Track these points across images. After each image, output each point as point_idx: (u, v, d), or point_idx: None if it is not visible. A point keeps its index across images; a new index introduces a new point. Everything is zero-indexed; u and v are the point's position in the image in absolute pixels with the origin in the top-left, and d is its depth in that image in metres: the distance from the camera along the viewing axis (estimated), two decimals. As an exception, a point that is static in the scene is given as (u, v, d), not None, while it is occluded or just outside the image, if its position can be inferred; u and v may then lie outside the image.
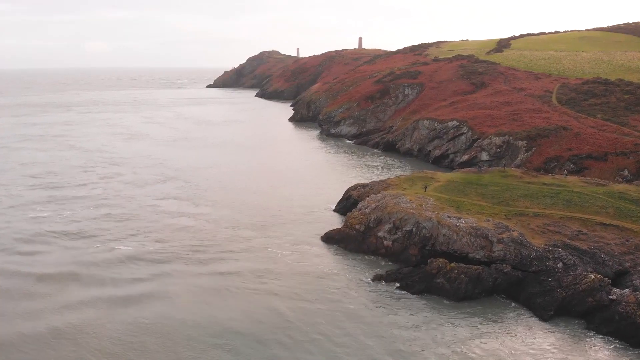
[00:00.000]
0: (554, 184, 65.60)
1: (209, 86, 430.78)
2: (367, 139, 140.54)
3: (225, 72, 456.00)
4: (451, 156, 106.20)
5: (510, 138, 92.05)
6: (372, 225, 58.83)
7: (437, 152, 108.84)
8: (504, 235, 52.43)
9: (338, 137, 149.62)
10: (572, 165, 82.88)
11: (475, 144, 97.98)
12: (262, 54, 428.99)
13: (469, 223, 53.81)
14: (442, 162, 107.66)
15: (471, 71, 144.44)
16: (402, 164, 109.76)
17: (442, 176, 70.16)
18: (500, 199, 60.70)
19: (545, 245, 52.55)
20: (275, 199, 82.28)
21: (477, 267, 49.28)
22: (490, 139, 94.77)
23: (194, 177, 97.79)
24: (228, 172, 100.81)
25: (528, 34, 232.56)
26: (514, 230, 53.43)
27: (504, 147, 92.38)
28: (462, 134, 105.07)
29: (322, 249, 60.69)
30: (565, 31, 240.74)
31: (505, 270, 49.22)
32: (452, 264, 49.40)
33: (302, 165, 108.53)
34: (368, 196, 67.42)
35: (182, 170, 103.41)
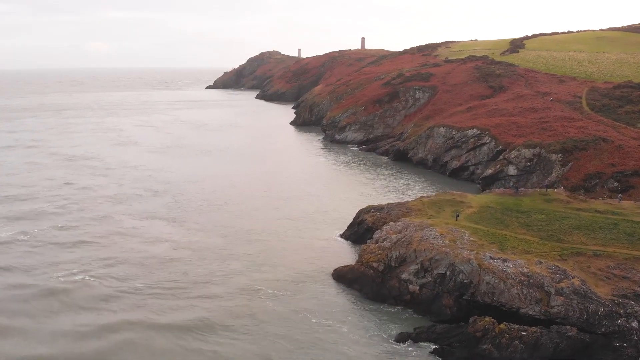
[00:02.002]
0: (608, 212, 54.72)
1: (209, 87, 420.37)
2: (375, 146, 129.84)
3: (225, 72, 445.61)
4: (471, 168, 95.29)
5: (543, 150, 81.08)
6: (393, 265, 47.94)
7: (455, 164, 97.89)
8: (563, 285, 41.54)
9: (343, 143, 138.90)
10: (615, 184, 71.93)
11: (501, 156, 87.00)
12: (262, 54, 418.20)
13: (517, 267, 42.90)
14: (460, 174, 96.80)
15: (488, 73, 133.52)
16: (416, 177, 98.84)
17: (474, 199, 59.20)
18: (549, 232, 49.80)
19: (613, 296, 41.66)
20: (273, 220, 71.40)
21: (534, 329, 38.36)
22: (518, 150, 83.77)
23: (183, 192, 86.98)
24: (222, 187, 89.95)
25: (541, 34, 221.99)
26: (574, 277, 42.54)
27: (534, 160, 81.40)
28: (484, 144, 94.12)
29: (329, 291, 49.72)
30: (578, 31, 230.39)
31: (569, 334, 38.33)
32: (502, 325, 38.50)
33: (305, 178, 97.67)
34: (386, 224, 56.55)
35: (172, 184, 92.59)
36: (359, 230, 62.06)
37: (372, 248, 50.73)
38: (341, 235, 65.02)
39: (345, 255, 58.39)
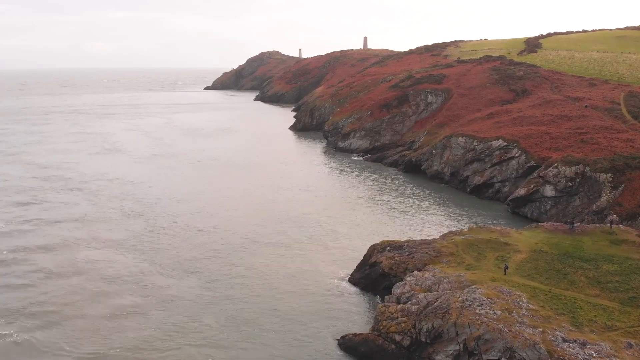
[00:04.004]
0: (697, 258, 42.00)
1: (207, 88, 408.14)
2: (382, 156, 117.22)
3: (224, 73, 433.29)
4: (497, 185, 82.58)
5: (587, 168, 68.26)
6: (424, 340, 35.24)
7: (478, 180, 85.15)
8: (673, 384, 28.89)
9: (347, 151, 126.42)
10: (680, 210, 59.27)
11: (535, 174, 74.20)
12: (262, 54, 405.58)
13: (603, 356, 30.20)
14: (484, 192, 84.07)
15: (507, 75, 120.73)
16: (433, 194, 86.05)
17: (520, 240, 46.44)
18: (630, 293, 37.09)
19: None
20: (263, 255, 58.53)
21: None
22: (557, 168, 70.93)
23: (162, 213, 74.33)
24: (207, 208, 77.07)
25: (556, 33, 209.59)
26: (683, 369, 29.88)
27: (577, 180, 68.60)
28: (512, 158, 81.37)
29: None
30: (593, 30, 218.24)
31: None
32: None
33: (304, 196, 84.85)
34: (408, 270, 43.91)
35: (150, 203, 79.97)
36: (372, 274, 49.34)
37: (393, 311, 37.99)
38: (348, 279, 52.28)
39: (356, 310, 45.61)
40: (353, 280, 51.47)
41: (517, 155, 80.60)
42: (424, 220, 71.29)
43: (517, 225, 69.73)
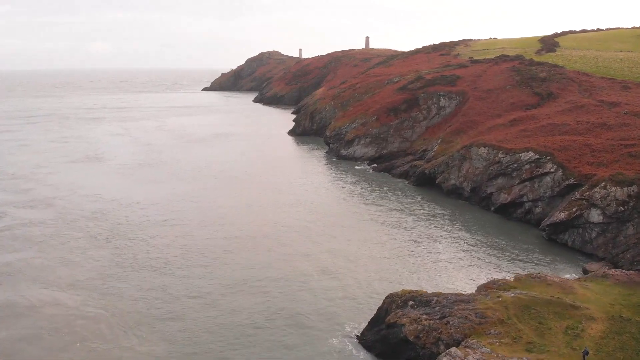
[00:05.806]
0: None
1: (205, 89, 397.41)
2: (390, 165, 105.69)
3: (222, 74, 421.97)
4: (527, 205, 70.85)
5: (644, 190, 56.61)
6: None
7: (505, 198, 73.47)
8: None
9: (350, 159, 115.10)
10: None
11: (577, 194, 62.37)
12: (262, 54, 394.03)
13: None
14: (512, 212, 72.41)
15: (530, 76, 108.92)
16: (454, 216, 74.27)
17: (588, 298, 34.69)
18: None
19: None
20: (247, 303, 46.72)
21: None
22: (605, 188, 59.17)
23: (133, 241, 62.62)
24: (186, 236, 65.23)
25: (570, 31, 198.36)
26: None
27: (630, 204, 56.89)
28: (546, 174, 69.60)
29: None
30: (608, 29, 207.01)
31: None
32: None
33: (301, 219, 72.98)
34: (442, 344, 32.28)
35: (123, 225, 68.47)
36: (390, 338, 37.57)
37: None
38: (359, 338, 40.69)
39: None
40: (364, 341, 39.76)
41: (552, 170, 68.81)
42: (447, 253, 59.32)
43: (556, 254, 58.33)
